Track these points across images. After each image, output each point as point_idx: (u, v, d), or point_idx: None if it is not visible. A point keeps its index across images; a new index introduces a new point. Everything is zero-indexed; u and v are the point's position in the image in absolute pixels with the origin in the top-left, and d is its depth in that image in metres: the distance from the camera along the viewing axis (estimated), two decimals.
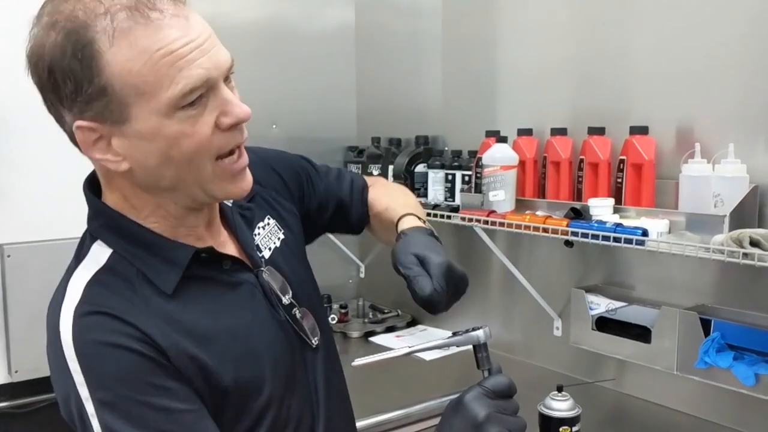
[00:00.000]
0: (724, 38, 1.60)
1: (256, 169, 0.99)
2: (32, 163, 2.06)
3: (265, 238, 1.04)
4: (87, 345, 0.82)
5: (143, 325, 0.83)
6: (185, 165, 0.84)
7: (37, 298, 2.01)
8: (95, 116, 0.83)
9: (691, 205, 1.56)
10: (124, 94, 0.81)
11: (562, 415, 1.35)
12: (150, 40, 0.79)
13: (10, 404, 2.08)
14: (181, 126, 0.82)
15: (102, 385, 0.81)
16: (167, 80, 0.80)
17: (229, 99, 0.85)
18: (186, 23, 0.81)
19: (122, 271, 0.87)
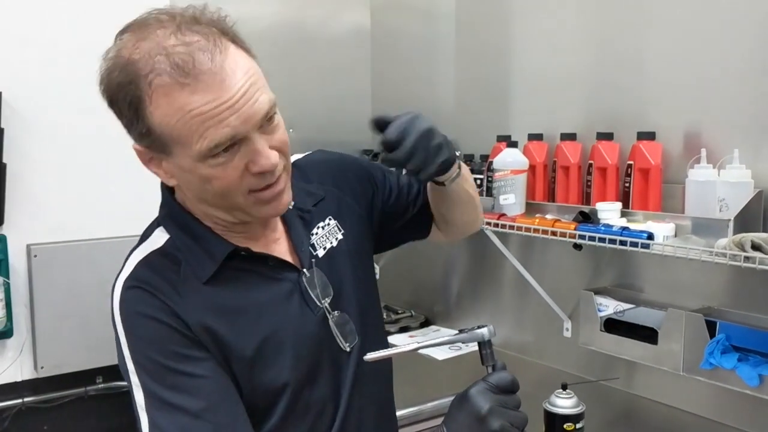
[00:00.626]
0: (731, 47, 1.63)
1: (329, 172, 1.15)
2: (59, 165, 2.13)
3: (322, 238, 1.11)
4: (128, 313, 0.95)
5: (174, 303, 0.95)
6: (219, 197, 0.95)
7: (62, 297, 2.11)
8: (146, 146, 0.94)
9: (697, 209, 1.59)
10: (164, 139, 0.90)
11: (567, 412, 1.38)
12: (184, 101, 0.87)
13: (35, 399, 2.14)
14: (212, 170, 0.91)
15: (137, 348, 0.94)
16: (197, 136, 0.88)
17: (259, 150, 0.91)
18: (221, 84, 0.87)
19: (172, 255, 0.99)
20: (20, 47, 2.05)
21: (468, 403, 0.95)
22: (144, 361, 0.94)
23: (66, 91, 2.14)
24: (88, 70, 2.41)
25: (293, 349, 1.02)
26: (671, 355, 1.65)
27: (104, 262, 2.17)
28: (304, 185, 1.13)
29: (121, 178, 2.23)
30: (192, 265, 0.98)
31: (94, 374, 2.21)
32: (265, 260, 1.03)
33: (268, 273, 1.03)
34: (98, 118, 2.32)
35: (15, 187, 2.05)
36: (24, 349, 2.10)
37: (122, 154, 2.32)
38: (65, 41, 2.13)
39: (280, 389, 1.01)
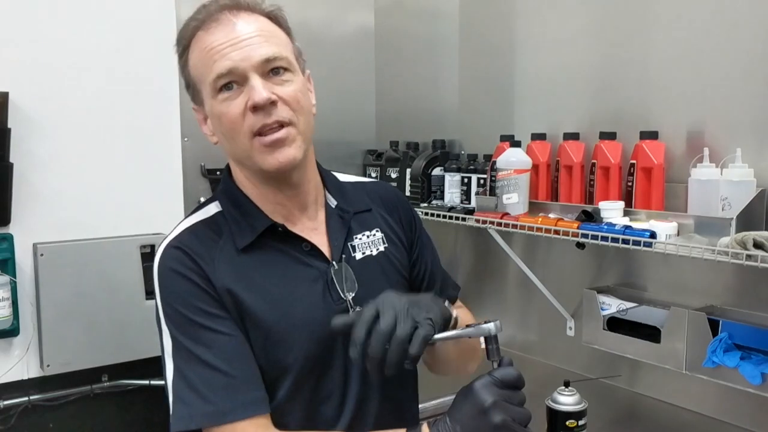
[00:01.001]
0: (734, 46, 1.64)
1: (390, 199, 1.29)
2: (65, 164, 2.15)
3: (365, 244, 1.20)
4: (164, 269, 1.08)
5: (206, 267, 1.07)
6: (231, 138, 1.08)
7: (69, 296, 2.12)
8: (194, 101, 1.13)
9: (700, 208, 1.59)
10: (196, 81, 1.10)
11: (569, 409, 1.39)
12: (204, 42, 1.07)
13: (41, 397, 2.15)
14: (221, 107, 1.06)
15: (168, 300, 1.07)
16: (208, 70, 1.05)
17: (252, 86, 1.04)
18: (232, 27, 1.05)
19: (218, 225, 1.13)
20: (27, 48, 2.07)
21: (472, 396, 0.96)
22: (172, 312, 1.06)
23: (73, 91, 2.15)
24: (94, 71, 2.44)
25: (307, 331, 1.09)
26: (674, 353, 1.65)
27: (110, 261, 2.19)
28: (357, 196, 1.25)
29: (128, 178, 2.26)
30: (233, 233, 1.11)
31: (99, 372, 2.22)
32: (300, 244, 1.13)
33: (300, 256, 1.13)
34: (105, 118, 2.36)
35: (22, 187, 2.06)
36: (30, 347, 2.11)
37: (128, 154, 2.36)
38: (72, 42, 2.15)
39: (288, 367, 1.08)
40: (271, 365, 1.08)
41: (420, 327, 0.96)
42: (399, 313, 0.96)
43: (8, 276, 2.03)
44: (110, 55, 2.21)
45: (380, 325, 0.95)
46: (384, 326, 0.95)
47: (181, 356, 1.05)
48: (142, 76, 2.27)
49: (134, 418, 2.33)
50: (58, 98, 2.13)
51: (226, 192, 1.16)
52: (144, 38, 2.28)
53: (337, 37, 2.75)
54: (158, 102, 2.32)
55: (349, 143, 2.76)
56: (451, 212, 2.16)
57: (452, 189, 2.27)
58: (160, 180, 2.31)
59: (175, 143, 2.36)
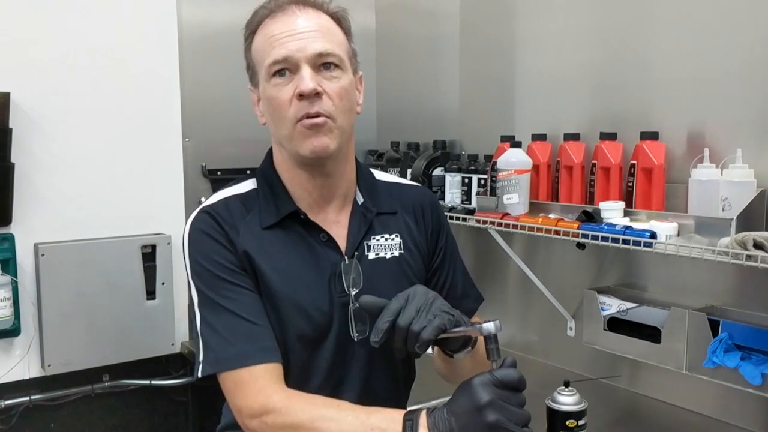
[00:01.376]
0: (734, 46, 1.64)
1: (421, 204, 1.31)
2: (66, 165, 2.15)
3: (381, 246, 1.25)
4: (193, 229, 1.18)
5: (232, 233, 1.17)
6: (277, 122, 1.15)
7: (70, 296, 2.13)
8: (252, 82, 1.21)
9: (700, 208, 1.59)
10: (255, 64, 1.18)
11: (569, 409, 1.39)
12: (268, 29, 1.15)
13: (42, 397, 2.16)
14: (272, 90, 1.14)
15: (195, 258, 1.16)
16: (266, 54, 1.14)
17: (302, 75, 1.11)
18: (295, 20, 1.13)
19: (248, 202, 1.21)
20: (28, 49, 2.08)
21: (470, 392, 0.97)
22: (200, 269, 1.15)
23: (74, 92, 2.16)
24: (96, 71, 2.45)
25: (306, 314, 1.16)
26: (674, 353, 1.65)
27: (111, 261, 2.20)
28: (387, 197, 1.29)
29: (129, 179, 2.26)
30: (262, 211, 1.20)
31: (100, 372, 2.23)
32: (319, 233, 1.20)
33: (316, 244, 1.20)
34: (106, 118, 2.36)
35: (23, 187, 2.07)
36: (31, 347, 2.12)
37: (130, 154, 2.36)
38: (73, 43, 2.15)
39: (284, 339, 1.15)
40: (275, 328, 1.16)
41: (436, 318, 1.03)
42: (422, 308, 1.04)
43: (9, 276, 2.03)
44: (112, 55, 2.21)
45: (400, 320, 1.03)
46: (403, 322, 1.02)
47: (207, 307, 1.14)
48: (144, 76, 2.28)
49: (135, 418, 2.34)
50: (59, 98, 2.14)
51: (264, 171, 1.25)
52: (145, 39, 2.28)
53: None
54: (159, 102, 2.32)
55: None
56: (452, 212, 2.16)
57: (453, 189, 2.27)
58: (161, 180, 2.32)
59: (176, 143, 2.37)
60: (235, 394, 1.10)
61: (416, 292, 1.06)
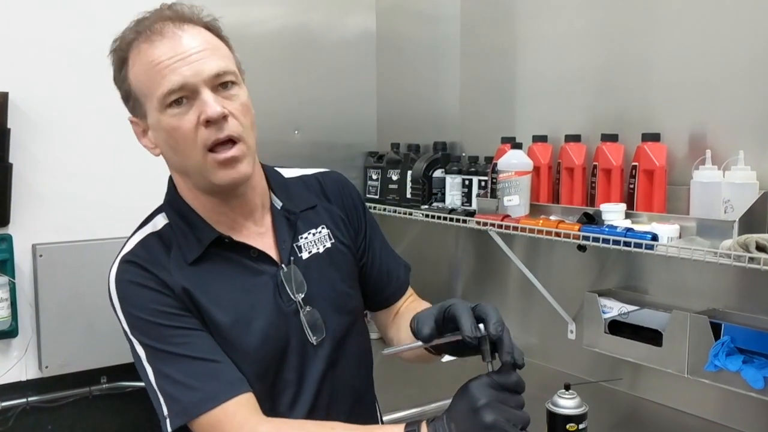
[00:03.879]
0: (736, 48, 1.63)
1: (334, 189, 1.29)
2: (64, 165, 2.14)
3: (311, 243, 1.22)
4: (121, 282, 1.11)
5: (162, 275, 1.10)
6: (182, 152, 1.08)
7: (68, 297, 2.11)
8: (134, 113, 1.12)
9: (702, 210, 1.58)
10: (139, 95, 1.09)
11: (569, 412, 1.38)
12: (149, 56, 1.06)
13: (40, 399, 2.14)
14: (171, 120, 1.06)
15: (130, 311, 1.09)
16: (156, 84, 1.05)
17: (205, 100, 1.05)
18: (179, 42, 1.06)
19: (166, 238, 1.14)
20: (27, 48, 2.06)
21: (466, 395, 0.96)
22: (137, 322, 1.08)
23: (72, 92, 2.15)
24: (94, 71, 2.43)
25: (262, 331, 1.12)
26: (676, 357, 1.64)
27: (109, 262, 2.17)
28: (302, 193, 1.26)
29: (127, 179, 2.25)
30: (182, 247, 1.13)
31: (98, 374, 2.21)
32: (248, 251, 1.15)
33: (249, 263, 1.15)
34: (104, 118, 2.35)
35: (21, 187, 2.05)
36: (29, 348, 2.10)
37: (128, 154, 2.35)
38: (72, 42, 2.14)
39: (243, 369, 1.10)
40: (230, 356, 1.11)
41: None
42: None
43: (7, 277, 2.02)
44: None
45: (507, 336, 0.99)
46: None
47: (158, 359, 1.07)
48: None
49: (133, 421, 2.32)
50: (57, 99, 2.12)
51: (172, 204, 1.18)
52: None
53: (339, 39, 2.75)
54: None
55: (350, 145, 2.76)
56: (452, 214, 2.15)
57: (453, 191, 2.26)
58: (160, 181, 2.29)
59: None
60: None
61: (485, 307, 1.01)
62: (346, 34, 2.78)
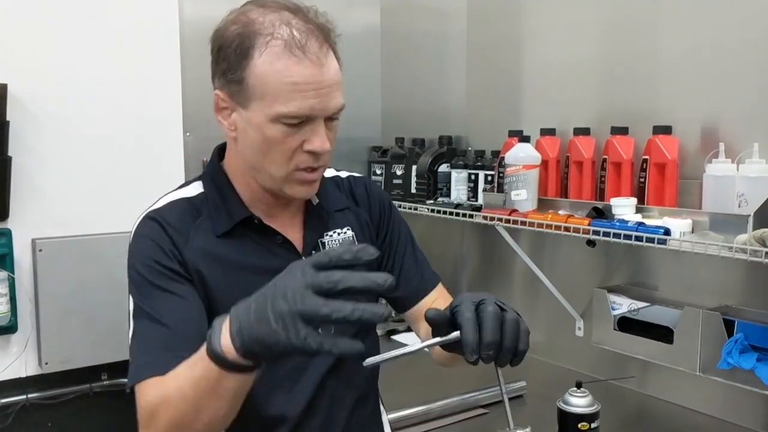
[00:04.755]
0: (748, 38, 1.59)
1: (362, 193, 1.30)
2: (65, 159, 2.12)
3: (335, 241, 1.23)
4: (136, 235, 1.13)
5: (179, 240, 1.11)
6: (269, 159, 1.09)
7: (68, 292, 2.09)
8: (230, 93, 1.09)
9: (715, 204, 1.55)
10: (252, 91, 1.06)
11: (581, 411, 1.35)
12: (287, 67, 1.04)
13: (39, 395, 2.12)
14: (278, 134, 1.06)
15: (133, 266, 1.10)
16: (283, 99, 1.04)
17: (318, 133, 1.08)
18: (319, 70, 1.05)
19: (197, 206, 1.16)
20: (27, 40, 2.04)
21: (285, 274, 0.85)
22: (136, 276, 1.09)
23: (73, 84, 2.12)
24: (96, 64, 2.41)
25: None
26: (687, 354, 1.61)
27: (110, 257, 2.15)
28: (336, 193, 1.28)
29: (128, 173, 2.22)
30: (213, 218, 1.14)
31: (99, 370, 2.19)
32: (274, 236, 1.17)
33: (273, 248, 1.16)
34: (105, 111, 2.32)
35: (20, 181, 2.03)
36: (29, 344, 2.08)
37: (129, 148, 2.32)
38: (73, 34, 2.12)
39: None
40: None
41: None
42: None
43: (6, 272, 2.00)
44: (112, 47, 2.17)
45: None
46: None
47: (137, 317, 1.09)
48: (144, 69, 2.24)
49: (134, 418, 2.29)
50: (58, 91, 2.10)
51: (213, 175, 1.19)
52: (146, 31, 2.25)
53: (343, 33, 2.69)
54: (160, 96, 2.29)
55: (355, 140, 2.73)
56: (458, 209, 2.12)
57: (459, 186, 2.23)
58: (161, 175, 2.27)
59: (177, 138, 2.33)
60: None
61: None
62: (351, 29, 2.75)
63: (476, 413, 1.78)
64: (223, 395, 0.93)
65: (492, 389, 1.77)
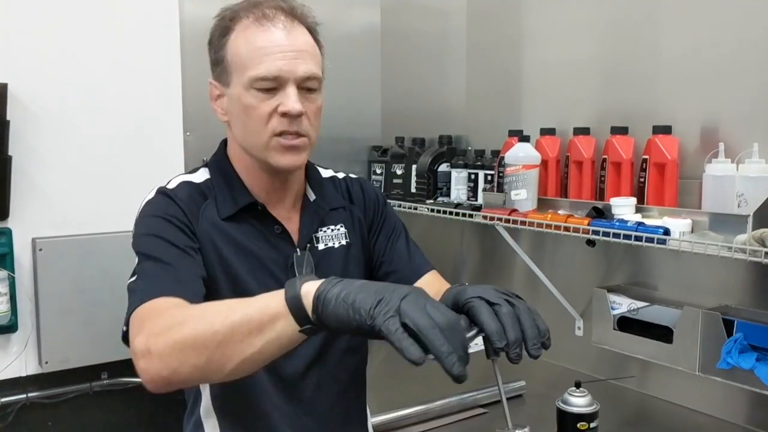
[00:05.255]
0: (748, 37, 1.59)
1: (357, 191, 1.37)
2: (65, 158, 2.11)
3: (328, 237, 1.30)
4: (148, 204, 1.21)
5: (191, 215, 1.19)
6: (250, 130, 1.17)
7: (68, 292, 2.09)
8: (218, 77, 1.22)
9: (715, 204, 1.55)
10: (231, 65, 1.18)
11: (580, 411, 1.35)
12: (255, 37, 1.16)
13: (39, 394, 2.12)
14: (252, 100, 1.16)
15: (139, 233, 1.17)
16: (253, 64, 1.15)
17: (290, 94, 1.15)
18: (286, 35, 1.16)
19: (203, 191, 1.24)
20: (27, 39, 2.04)
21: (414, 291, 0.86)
22: (140, 235, 1.16)
23: (74, 84, 2.12)
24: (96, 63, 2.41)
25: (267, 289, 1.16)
26: (687, 354, 1.61)
27: (110, 256, 2.16)
28: (332, 192, 1.35)
29: (129, 173, 2.22)
30: (218, 202, 1.22)
31: (99, 370, 2.19)
32: (273, 225, 1.24)
33: (271, 237, 1.24)
34: (105, 110, 2.32)
35: (20, 180, 2.03)
36: (29, 343, 2.08)
37: (130, 148, 2.32)
38: (73, 33, 2.11)
39: None
40: None
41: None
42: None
43: (6, 271, 2.00)
44: (112, 47, 2.17)
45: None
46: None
47: (140, 263, 1.13)
48: (145, 69, 2.24)
49: (134, 417, 2.30)
50: (58, 90, 2.10)
51: (218, 163, 1.27)
52: (147, 30, 2.24)
53: (344, 32, 2.72)
54: (160, 95, 2.28)
55: (354, 139, 2.73)
56: (458, 209, 2.12)
57: (459, 185, 2.23)
58: (161, 174, 2.25)
59: (177, 137, 2.33)
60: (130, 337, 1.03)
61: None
62: (351, 28, 2.75)
63: (475, 413, 1.78)
64: (258, 342, 0.90)
65: (490, 389, 1.77)
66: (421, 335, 0.79)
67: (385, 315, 0.81)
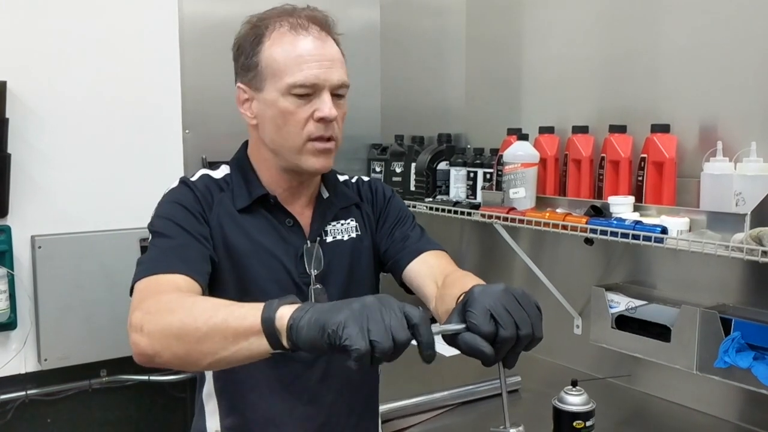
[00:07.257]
0: (747, 36, 1.59)
1: (367, 189, 1.42)
2: (64, 156, 2.12)
3: (338, 230, 1.34)
4: (170, 192, 1.26)
5: (206, 205, 1.25)
6: (285, 133, 1.22)
7: (67, 289, 2.09)
8: (248, 82, 1.25)
9: (713, 203, 1.55)
10: (266, 71, 1.22)
11: (576, 409, 1.35)
12: (292, 45, 1.21)
13: (39, 392, 2.13)
14: (289, 106, 1.20)
15: (156, 217, 1.22)
16: (290, 71, 1.19)
17: (325, 101, 1.21)
18: (321, 45, 1.22)
19: (221, 184, 1.30)
20: (26, 37, 2.04)
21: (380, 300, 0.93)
22: (158, 222, 1.21)
23: (73, 81, 2.13)
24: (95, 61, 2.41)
25: (279, 284, 1.24)
26: (684, 353, 1.61)
27: (109, 254, 2.16)
28: (345, 191, 1.39)
29: (128, 170, 2.23)
30: (234, 195, 1.28)
31: (98, 367, 2.20)
32: (285, 218, 1.29)
33: (282, 229, 1.29)
34: (106, 109, 2.32)
35: (20, 178, 2.03)
36: (28, 341, 2.08)
37: (129, 145, 2.33)
38: (72, 31, 2.12)
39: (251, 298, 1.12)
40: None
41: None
42: None
43: (6, 269, 2.00)
44: (111, 45, 2.17)
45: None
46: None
47: (151, 241, 1.20)
48: (144, 67, 2.24)
49: (133, 414, 2.30)
50: (57, 88, 2.10)
51: (239, 162, 1.33)
52: (146, 28, 2.25)
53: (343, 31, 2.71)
54: (160, 93, 2.29)
55: (354, 137, 2.72)
56: (457, 207, 2.12)
57: (458, 183, 2.23)
58: (161, 172, 2.28)
59: (176, 135, 2.34)
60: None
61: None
62: (350, 26, 2.73)
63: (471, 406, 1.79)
64: (231, 348, 0.94)
65: (487, 383, 1.78)
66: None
67: (348, 327, 0.85)
